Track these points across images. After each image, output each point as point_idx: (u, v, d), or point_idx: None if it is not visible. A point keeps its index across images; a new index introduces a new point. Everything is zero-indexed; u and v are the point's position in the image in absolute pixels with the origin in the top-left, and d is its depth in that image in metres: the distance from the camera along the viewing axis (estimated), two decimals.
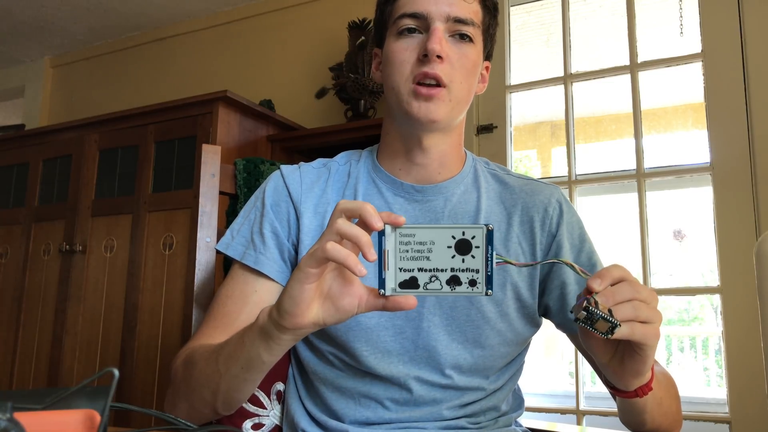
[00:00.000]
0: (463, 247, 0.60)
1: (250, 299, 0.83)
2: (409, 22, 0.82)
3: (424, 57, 0.79)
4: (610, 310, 0.58)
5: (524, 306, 0.85)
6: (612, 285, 0.60)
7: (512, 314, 0.84)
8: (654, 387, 0.70)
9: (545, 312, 0.89)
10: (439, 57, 0.79)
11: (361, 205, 0.59)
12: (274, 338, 0.64)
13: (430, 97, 0.79)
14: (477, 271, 0.60)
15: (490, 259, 0.60)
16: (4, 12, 2.76)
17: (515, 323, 0.84)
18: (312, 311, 0.61)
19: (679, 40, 2.42)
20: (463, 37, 0.82)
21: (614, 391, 0.71)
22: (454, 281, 0.60)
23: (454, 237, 0.60)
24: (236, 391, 0.72)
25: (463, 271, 0.60)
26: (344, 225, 0.58)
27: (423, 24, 0.81)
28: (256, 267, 0.83)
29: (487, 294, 0.60)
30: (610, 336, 0.58)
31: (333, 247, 0.57)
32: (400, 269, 0.60)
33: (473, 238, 0.60)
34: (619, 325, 0.58)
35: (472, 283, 0.60)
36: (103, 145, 2.19)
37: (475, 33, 0.83)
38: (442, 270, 0.60)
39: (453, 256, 0.60)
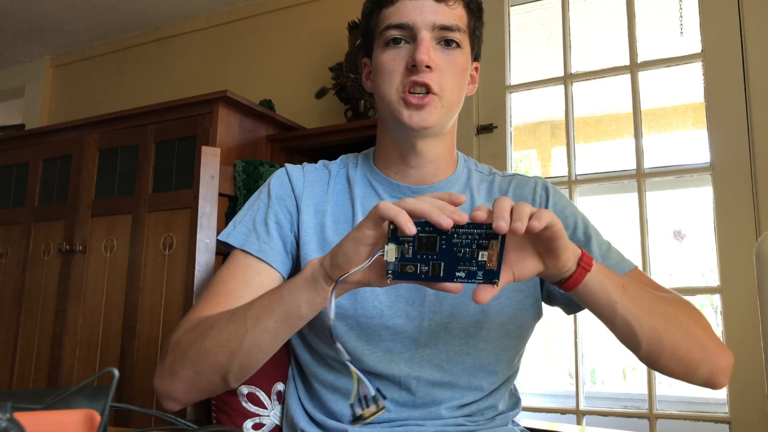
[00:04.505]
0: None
1: (253, 281, 0.82)
2: (395, 33, 0.82)
3: (413, 67, 0.80)
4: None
5: (525, 296, 0.86)
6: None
7: (513, 305, 0.84)
8: (609, 274, 0.71)
9: (549, 298, 0.89)
10: (428, 67, 0.79)
11: (396, 212, 0.60)
12: (318, 290, 0.67)
13: (421, 106, 0.80)
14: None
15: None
16: (4, 12, 2.76)
17: (517, 314, 0.85)
18: (362, 271, 0.64)
19: (679, 40, 2.42)
20: (450, 44, 0.82)
21: (569, 282, 0.69)
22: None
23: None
24: (259, 349, 0.72)
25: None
26: (384, 208, 0.61)
27: (409, 34, 0.81)
28: (260, 255, 0.83)
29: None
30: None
31: (386, 206, 0.60)
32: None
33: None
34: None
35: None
36: (103, 145, 2.19)
37: (462, 38, 0.84)
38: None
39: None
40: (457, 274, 0.62)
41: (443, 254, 0.62)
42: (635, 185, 1.79)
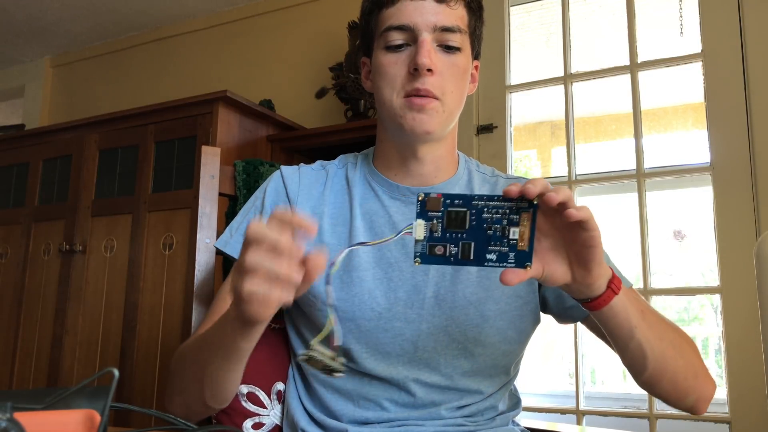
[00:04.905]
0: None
1: None
2: (396, 37, 0.81)
3: (415, 71, 0.79)
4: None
5: (524, 301, 0.85)
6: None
7: (512, 311, 0.84)
8: (630, 297, 0.70)
9: (544, 306, 0.89)
10: (429, 70, 0.79)
11: (267, 235, 0.56)
12: (248, 327, 0.63)
13: (423, 107, 0.79)
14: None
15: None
16: (4, 12, 2.76)
17: (516, 320, 0.84)
18: (274, 303, 0.58)
19: (679, 40, 2.42)
20: (451, 49, 0.82)
21: (596, 302, 0.67)
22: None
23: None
24: (221, 381, 0.72)
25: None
26: (251, 231, 0.57)
27: (410, 36, 0.81)
28: None
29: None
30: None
31: (251, 229, 0.57)
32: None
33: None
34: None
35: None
36: (103, 145, 2.19)
37: (463, 40, 0.83)
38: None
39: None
40: (488, 256, 0.59)
41: (473, 232, 0.59)
42: (635, 185, 1.79)
